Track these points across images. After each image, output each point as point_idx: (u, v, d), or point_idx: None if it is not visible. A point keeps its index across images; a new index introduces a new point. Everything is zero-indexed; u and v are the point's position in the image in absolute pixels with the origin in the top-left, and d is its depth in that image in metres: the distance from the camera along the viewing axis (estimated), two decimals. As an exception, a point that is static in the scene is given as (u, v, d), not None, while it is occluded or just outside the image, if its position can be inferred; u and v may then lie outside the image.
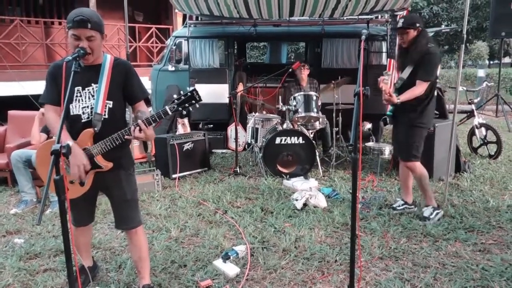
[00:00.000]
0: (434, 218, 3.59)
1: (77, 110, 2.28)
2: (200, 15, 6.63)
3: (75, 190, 2.32)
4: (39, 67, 9.44)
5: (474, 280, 2.70)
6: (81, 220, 2.59)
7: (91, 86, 2.29)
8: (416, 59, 3.43)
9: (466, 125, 6.95)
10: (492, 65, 24.38)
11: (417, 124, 3.53)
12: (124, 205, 2.46)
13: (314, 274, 2.82)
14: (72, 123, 2.28)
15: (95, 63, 2.29)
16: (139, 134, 2.19)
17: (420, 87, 3.39)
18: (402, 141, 3.60)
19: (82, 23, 2.12)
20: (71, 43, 2.17)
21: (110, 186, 2.44)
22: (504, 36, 9.08)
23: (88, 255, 2.76)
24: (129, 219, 2.47)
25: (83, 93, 2.28)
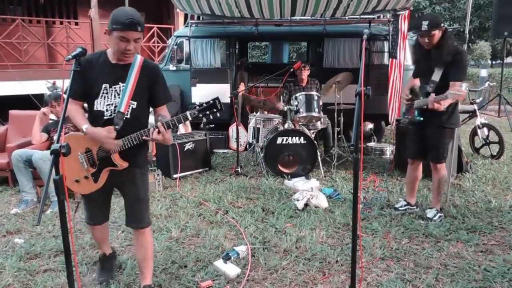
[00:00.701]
0: (437, 220, 3.58)
1: (101, 106, 2.30)
2: (202, 14, 6.62)
3: (89, 186, 2.38)
4: (40, 66, 9.46)
5: (476, 281, 2.68)
6: (96, 219, 2.61)
7: (118, 84, 2.31)
8: (446, 60, 3.31)
9: (468, 125, 6.93)
10: (494, 65, 24.32)
11: (448, 126, 3.49)
12: (136, 204, 2.48)
13: (315, 275, 2.80)
14: (94, 118, 2.32)
15: (126, 63, 2.30)
16: (157, 136, 2.23)
17: (457, 88, 3.22)
18: (432, 143, 3.54)
19: (132, 26, 2.13)
20: (115, 44, 2.19)
21: (125, 184, 2.45)
22: (507, 36, 9.02)
23: (107, 245, 2.84)
24: (140, 219, 2.48)
25: (110, 90, 2.31)
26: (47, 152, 4.08)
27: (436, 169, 3.61)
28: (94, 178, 2.36)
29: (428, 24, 3.28)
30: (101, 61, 2.29)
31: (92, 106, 2.31)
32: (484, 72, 12.00)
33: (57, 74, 8.62)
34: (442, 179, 3.62)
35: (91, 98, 2.29)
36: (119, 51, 2.21)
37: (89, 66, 2.25)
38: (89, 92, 2.29)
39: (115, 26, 2.13)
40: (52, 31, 9.97)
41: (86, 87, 2.27)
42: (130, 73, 2.30)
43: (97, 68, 2.27)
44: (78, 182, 2.38)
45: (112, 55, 2.30)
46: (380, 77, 6.43)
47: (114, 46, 2.21)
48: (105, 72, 2.28)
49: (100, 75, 2.28)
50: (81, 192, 2.47)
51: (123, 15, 2.13)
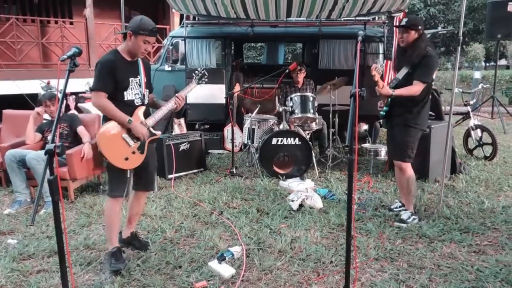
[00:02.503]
0: (411, 222, 3.59)
1: (131, 96, 2.82)
2: (197, 15, 6.62)
3: (138, 158, 2.84)
4: (34, 66, 9.40)
5: (469, 281, 2.70)
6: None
7: (137, 77, 2.85)
8: (414, 61, 3.44)
9: (462, 127, 6.98)
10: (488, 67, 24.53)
11: (412, 125, 3.54)
12: (154, 172, 3.15)
13: (309, 275, 2.81)
14: (126, 106, 2.78)
15: (135, 60, 2.84)
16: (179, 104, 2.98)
17: (417, 86, 3.39)
18: (397, 141, 3.61)
19: (155, 32, 2.76)
20: (140, 46, 2.72)
21: (149, 155, 2.94)
22: (500, 38, 9.12)
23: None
24: (153, 182, 3.14)
25: (134, 83, 2.82)
26: (41, 152, 4.06)
27: (401, 169, 3.64)
28: (141, 150, 2.84)
29: (407, 21, 3.48)
30: (120, 59, 2.76)
31: (122, 96, 2.77)
32: (477, 74, 12.10)
33: (51, 73, 8.58)
34: (409, 180, 3.64)
35: (121, 90, 2.75)
36: (140, 51, 2.74)
37: (115, 64, 2.70)
38: (120, 86, 2.74)
39: (143, 32, 2.68)
40: (47, 30, 9.91)
41: (117, 82, 2.71)
42: (139, 67, 2.86)
43: (120, 65, 2.73)
44: (128, 159, 2.78)
45: (127, 54, 2.79)
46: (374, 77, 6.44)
47: (134, 47, 2.73)
48: (127, 68, 2.78)
49: (126, 71, 2.76)
50: (131, 167, 2.84)
51: (149, 24, 2.70)
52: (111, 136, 2.73)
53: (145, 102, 2.91)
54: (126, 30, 2.74)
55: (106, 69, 2.68)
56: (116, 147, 2.74)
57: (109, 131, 2.73)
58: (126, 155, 2.77)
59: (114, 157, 2.72)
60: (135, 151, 2.81)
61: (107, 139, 2.73)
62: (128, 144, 2.78)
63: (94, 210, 3.99)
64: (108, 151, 2.72)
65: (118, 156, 2.74)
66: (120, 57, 2.77)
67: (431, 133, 4.63)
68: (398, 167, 3.69)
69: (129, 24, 2.76)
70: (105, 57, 2.75)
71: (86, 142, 4.39)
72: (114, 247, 2.88)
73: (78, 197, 4.41)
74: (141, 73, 2.87)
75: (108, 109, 2.71)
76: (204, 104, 6.71)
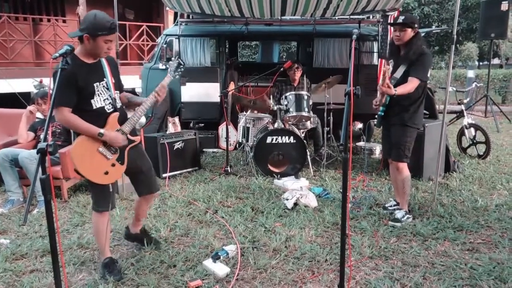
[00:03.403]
0: (405, 221, 3.60)
1: (100, 103, 2.57)
2: (191, 13, 6.59)
3: (118, 171, 2.67)
4: (27, 64, 9.33)
5: (462, 279, 2.72)
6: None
7: (102, 80, 2.58)
8: (411, 59, 3.44)
9: (456, 125, 7.02)
10: (481, 66, 24.68)
11: (410, 124, 3.55)
12: (150, 171, 2.90)
13: (304, 274, 2.81)
14: (98, 116, 2.55)
15: (96, 60, 2.56)
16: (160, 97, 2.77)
17: (412, 83, 3.38)
18: (395, 141, 3.61)
19: (115, 28, 2.47)
20: (101, 48, 2.45)
21: (138, 158, 2.79)
22: (494, 37, 9.19)
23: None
24: (155, 183, 2.93)
25: (100, 87, 2.57)
26: (33, 151, 4.02)
27: (398, 168, 3.64)
28: (120, 161, 2.65)
29: (404, 18, 3.46)
30: (79, 64, 2.47)
31: (89, 105, 2.52)
32: (471, 73, 12.17)
33: (44, 72, 8.52)
34: (405, 180, 3.65)
35: (86, 99, 2.50)
36: (102, 52, 2.49)
37: (74, 72, 2.39)
38: (84, 94, 2.48)
39: (101, 32, 2.39)
40: (39, 28, 9.83)
41: (80, 91, 2.45)
42: (104, 68, 2.59)
43: (81, 71, 2.45)
44: (107, 173, 2.60)
45: (86, 56, 2.51)
46: (369, 77, 6.47)
47: (94, 49, 2.46)
48: (89, 72, 2.50)
49: (89, 76, 2.49)
50: (113, 180, 2.67)
51: (106, 20, 2.40)
52: (86, 151, 2.50)
53: (117, 106, 2.64)
54: (80, 33, 2.41)
55: (66, 78, 2.33)
56: (93, 163, 2.53)
57: (83, 147, 2.49)
58: (105, 169, 2.57)
59: (92, 173, 2.53)
60: (114, 163, 2.61)
61: (82, 156, 2.50)
62: (106, 157, 2.57)
63: (88, 210, 3.96)
64: (85, 168, 2.51)
65: (96, 172, 2.54)
66: (79, 62, 2.47)
67: (425, 132, 4.64)
68: (394, 167, 3.69)
69: (82, 25, 2.43)
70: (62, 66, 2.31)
71: (80, 141, 4.35)
72: (107, 258, 2.80)
73: (71, 196, 4.38)
74: (107, 74, 2.59)
75: (75, 125, 2.47)
76: (198, 102, 6.69)
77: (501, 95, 13.05)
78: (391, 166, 3.79)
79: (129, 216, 3.79)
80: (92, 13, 2.42)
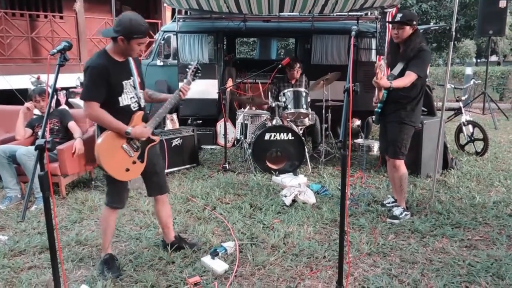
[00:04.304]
0: (403, 218, 3.61)
1: (127, 101, 2.62)
2: (189, 9, 6.57)
3: (138, 168, 2.72)
4: (24, 61, 9.27)
5: (460, 275, 2.73)
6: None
7: (130, 79, 2.63)
8: (410, 55, 3.43)
9: (454, 123, 7.03)
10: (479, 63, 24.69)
11: (407, 122, 3.55)
12: (163, 173, 2.97)
13: (302, 270, 2.82)
14: (124, 113, 2.60)
15: (125, 59, 2.61)
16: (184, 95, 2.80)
17: (409, 77, 3.34)
18: (391, 138, 3.61)
19: (148, 30, 2.54)
20: (134, 49, 2.52)
21: (154, 159, 2.83)
22: (492, 34, 9.19)
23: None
24: (166, 184, 2.98)
25: (128, 85, 2.61)
26: (31, 148, 4.01)
27: (395, 166, 3.65)
28: (141, 159, 2.71)
29: (402, 16, 3.44)
30: (112, 61, 2.53)
31: (117, 103, 2.56)
32: (469, 70, 12.17)
33: (41, 68, 8.47)
34: (402, 177, 3.66)
35: (115, 96, 2.54)
36: (134, 53, 2.57)
37: (107, 68, 2.46)
38: (114, 91, 2.53)
39: (136, 36, 2.45)
40: (36, 24, 9.76)
41: (111, 87, 2.50)
42: (130, 66, 2.64)
43: (113, 68, 2.50)
44: (128, 170, 2.65)
45: (118, 54, 2.55)
46: (367, 74, 6.46)
47: (127, 50, 2.52)
48: (119, 70, 2.55)
49: (119, 73, 2.55)
50: (133, 178, 2.74)
51: (141, 24, 2.46)
52: (111, 147, 2.56)
53: (142, 105, 2.73)
54: (116, 34, 2.46)
55: (99, 74, 2.44)
56: (116, 159, 2.58)
57: (109, 143, 2.55)
58: (127, 166, 2.63)
59: (115, 169, 2.58)
60: (135, 160, 2.67)
61: (107, 152, 2.55)
62: (128, 154, 2.63)
63: (86, 206, 3.96)
64: (108, 164, 2.55)
65: (119, 168, 2.60)
66: (111, 60, 2.53)
67: (423, 129, 4.65)
68: (391, 164, 3.70)
69: (117, 27, 2.46)
70: (96, 61, 2.48)
71: (78, 138, 4.35)
72: (107, 254, 2.81)
73: (69, 193, 4.37)
74: (133, 73, 2.65)
75: (104, 121, 2.51)
76: (196, 99, 6.67)
77: (499, 92, 13.06)
78: (389, 163, 3.80)
79: (127, 213, 3.78)
80: (127, 17, 2.46)
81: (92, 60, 2.49)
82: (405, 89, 3.37)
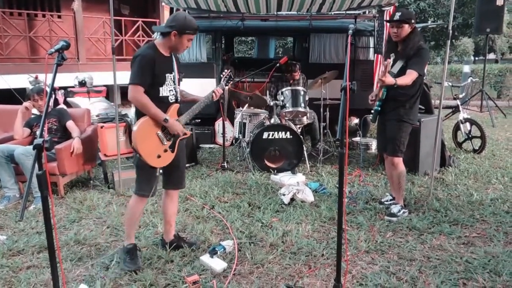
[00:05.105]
0: (401, 215, 3.63)
1: (166, 92, 2.77)
2: (187, 8, 6.55)
3: (169, 157, 2.81)
4: (22, 60, 9.26)
5: (458, 272, 2.74)
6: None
7: (172, 73, 2.80)
8: (409, 54, 3.45)
9: (451, 120, 7.05)
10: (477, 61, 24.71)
11: (406, 120, 3.56)
12: (184, 170, 3.06)
13: (301, 268, 2.83)
14: (161, 103, 2.72)
15: (170, 55, 2.78)
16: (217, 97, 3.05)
17: (411, 75, 3.37)
18: (390, 136, 3.62)
19: (197, 30, 2.74)
20: (184, 44, 2.72)
21: (180, 153, 2.91)
22: (489, 32, 9.21)
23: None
24: (184, 180, 3.08)
25: (169, 79, 2.77)
26: (29, 147, 4.01)
27: (393, 163, 3.66)
28: (172, 149, 2.81)
29: (400, 15, 3.46)
30: (159, 54, 2.69)
31: (157, 92, 2.71)
32: (467, 68, 12.19)
33: (39, 68, 8.46)
34: (400, 175, 3.67)
35: (156, 86, 2.70)
36: (183, 49, 2.76)
37: (154, 59, 2.63)
38: (157, 81, 2.68)
39: (189, 31, 2.66)
40: (34, 24, 9.75)
41: (155, 77, 2.65)
42: (173, 63, 2.82)
43: (159, 60, 2.67)
44: (160, 157, 2.74)
45: (165, 49, 2.72)
46: (365, 73, 6.48)
47: (177, 45, 2.71)
48: (165, 63, 2.73)
49: (163, 66, 2.71)
50: (163, 165, 2.80)
51: (194, 22, 2.68)
52: (147, 132, 2.68)
53: (178, 98, 2.87)
54: (169, 29, 2.65)
55: (147, 62, 2.61)
56: (150, 144, 2.69)
57: (145, 128, 2.67)
58: (158, 152, 2.73)
59: (148, 154, 2.67)
60: (167, 149, 2.77)
61: (143, 136, 2.66)
62: (161, 142, 2.74)
63: (85, 205, 3.96)
64: (142, 148, 2.65)
65: (151, 154, 2.69)
66: (159, 53, 2.70)
67: (421, 127, 4.66)
68: (390, 162, 3.71)
69: (170, 22, 2.67)
70: (145, 51, 2.67)
71: (76, 137, 4.34)
72: (131, 244, 2.86)
73: (68, 193, 4.37)
74: (175, 69, 2.83)
75: (146, 106, 2.63)
76: (195, 98, 6.67)
77: (497, 90, 13.09)
78: (387, 161, 3.81)
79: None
80: (182, 14, 2.72)
81: (142, 50, 2.69)
82: (405, 87, 3.39)
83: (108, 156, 4.61)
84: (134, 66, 2.63)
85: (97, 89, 7.75)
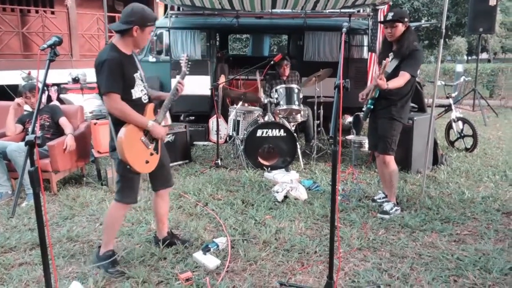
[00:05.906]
0: (394, 213, 3.65)
1: (138, 94, 2.64)
2: (182, 5, 6.54)
3: (155, 159, 2.75)
4: (14, 56, 9.19)
5: (449, 269, 2.77)
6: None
7: (137, 71, 2.64)
8: (404, 54, 3.46)
9: (444, 119, 7.10)
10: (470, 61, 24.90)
11: (397, 118, 3.59)
12: (169, 166, 3.00)
13: (294, 266, 2.84)
14: (136, 106, 2.59)
15: (131, 53, 2.62)
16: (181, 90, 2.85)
17: (404, 78, 3.40)
18: (381, 134, 3.64)
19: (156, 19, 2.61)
20: (146, 39, 2.59)
21: (162, 150, 2.84)
22: (482, 32, 9.26)
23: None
24: (171, 178, 3.02)
25: (137, 78, 2.63)
26: (22, 144, 3.98)
27: (384, 162, 3.69)
28: (156, 151, 2.74)
29: (393, 15, 3.48)
30: (123, 54, 2.53)
31: (130, 96, 2.57)
32: (459, 67, 12.25)
33: (32, 64, 8.40)
34: (392, 173, 3.70)
35: (128, 89, 2.55)
36: (145, 43, 2.64)
37: (121, 61, 2.48)
38: (128, 84, 2.54)
39: (150, 23, 2.53)
40: (27, 19, 9.66)
41: (125, 80, 2.50)
42: (135, 61, 2.65)
43: (125, 61, 2.52)
44: (148, 162, 2.68)
45: (126, 48, 2.56)
46: (359, 71, 6.51)
47: (140, 40, 2.56)
48: (130, 63, 2.58)
49: (130, 66, 2.57)
50: (152, 169, 2.74)
51: (151, 11, 2.55)
52: (132, 140, 2.56)
53: (150, 97, 2.76)
54: (129, 25, 2.47)
55: (116, 66, 2.44)
56: (137, 152, 2.58)
57: (130, 136, 2.53)
58: (146, 158, 2.65)
59: (137, 162, 2.57)
60: (152, 152, 2.69)
61: (129, 145, 2.53)
62: (146, 146, 2.64)
63: (77, 203, 3.95)
64: (131, 156, 2.53)
65: (140, 161, 2.60)
66: (121, 53, 2.53)
67: (414, 125, 4.69)
68: (381, 160, 3.73)
69: (128, 17, 2.47)
70: (110, 54, 2.46)
71: (69, 134, 4.32)
72: (110, 250, 2.78)
73: (61, 189, 4.35)
74: (139, 66, 2.67)
75: (127, 113, 2.49)
76: (189, 95, 6.64)
77: (489, 89, 13.19)
78: (378, 159, 3.83)
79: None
80: (138, 6, 2.52)
81: (107, 53, 2.47)
82: None
83: (102, 153, 4.58)
84: (102, 72, 2.42)
85: (90, 86, 7.71)
